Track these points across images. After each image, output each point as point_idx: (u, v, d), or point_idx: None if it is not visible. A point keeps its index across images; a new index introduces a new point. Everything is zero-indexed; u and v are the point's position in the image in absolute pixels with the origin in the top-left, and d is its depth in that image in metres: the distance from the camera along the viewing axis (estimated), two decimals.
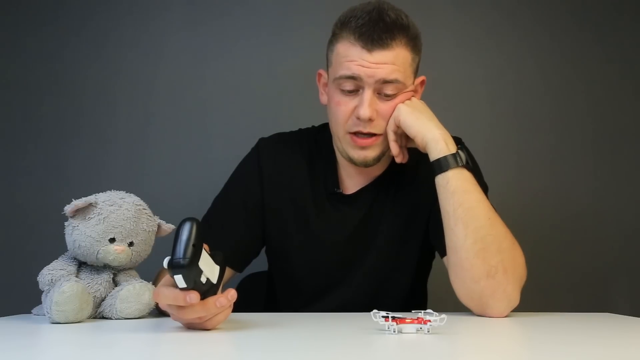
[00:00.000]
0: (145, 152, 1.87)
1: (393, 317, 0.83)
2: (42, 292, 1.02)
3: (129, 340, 0.82)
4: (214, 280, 0.84)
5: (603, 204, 1.90)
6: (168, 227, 1.13)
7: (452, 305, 1.14)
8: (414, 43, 1.16)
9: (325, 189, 1.27)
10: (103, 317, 1.04)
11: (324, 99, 1.24)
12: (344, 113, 1.16)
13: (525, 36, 1.92)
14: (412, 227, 1.25)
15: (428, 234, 1.24)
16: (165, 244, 1.17)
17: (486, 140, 1.87)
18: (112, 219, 1.04)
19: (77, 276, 1.04)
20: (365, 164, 1.20)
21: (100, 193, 1.07)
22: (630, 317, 1.11)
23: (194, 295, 0.80)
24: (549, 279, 1.82)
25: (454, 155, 1.11)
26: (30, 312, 1.10)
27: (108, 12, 1.89)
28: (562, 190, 1.90)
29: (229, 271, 1.21)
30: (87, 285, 1.03)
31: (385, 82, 1.13)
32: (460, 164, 1.10)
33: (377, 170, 1.26)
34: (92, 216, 1.03)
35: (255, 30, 1.89)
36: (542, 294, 1.59)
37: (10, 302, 1.39)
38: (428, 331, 0.82)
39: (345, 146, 1.19)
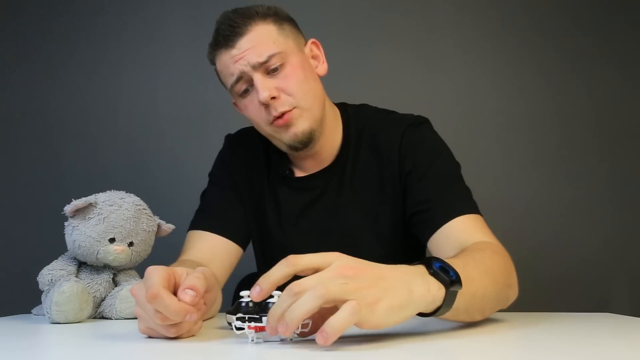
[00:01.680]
0: (145, 152, 1.87)
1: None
2: (42, 292, 1.03)
3: (129, 340, 0.82)
4: None
5: (603, 204, 1.90)
6: (168, 227, 1.13)
7: None
8: (272, 16, 1.17)
9: (277, 174, 1.28)
10: (103, 317, 1.04)
11: (244, 112, 1.23)
12: (254, 110, 1.17)
13: (526, 38, 1.92)
14: (382, 197, 1.21)
15: (405, 212, 1.20)
16: (165, 244, 1.17)
17: (487, 140, 1.87)
18: (112, 219, 1.04)
19: (77, 276, 1.04)
20: (302, 143, 1.17)
21: (100, 193, 1.07)
22: (630, 317, 1.11)
23: (195, 315, 0.77)
24: (549, 279, 1.82)
25: (443, 305, 0.80)
26: (30, 312, 1.10)
27: (110, 14, 1.89)
28: (562, 189, 1.90)
29: (237, 250, 1.23)
30: (87, 285, 1.03)
31: (263, 62, 1.13)
32: (450, 304, 0.80)
33: (327, 159, 1.25)
34: (92, 216, 1.04)
35: None
36: (542, 294, 1.59)
37: (10, 302, 1.40)
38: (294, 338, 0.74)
39: (275, 136, 1.19)
